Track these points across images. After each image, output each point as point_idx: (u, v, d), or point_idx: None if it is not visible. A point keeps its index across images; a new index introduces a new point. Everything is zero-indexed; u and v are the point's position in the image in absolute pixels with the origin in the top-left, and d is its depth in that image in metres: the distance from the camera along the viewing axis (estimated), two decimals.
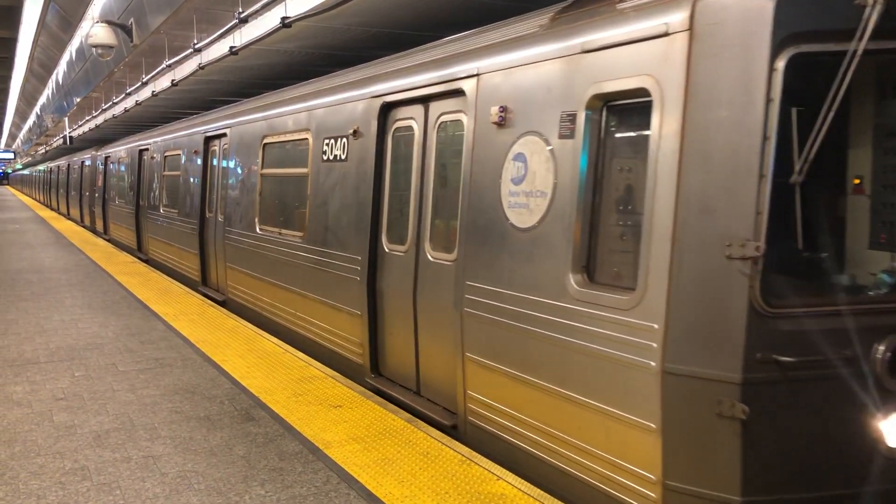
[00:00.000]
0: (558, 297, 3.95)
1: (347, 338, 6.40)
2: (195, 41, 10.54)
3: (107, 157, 20.60)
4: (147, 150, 15.27)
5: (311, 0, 7.37)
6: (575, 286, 3.86)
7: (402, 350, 5.73)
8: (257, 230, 8.59)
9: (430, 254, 5.34)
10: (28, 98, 33.96)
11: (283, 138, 8.05)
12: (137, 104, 17.23)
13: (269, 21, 8.34)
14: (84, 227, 24.30)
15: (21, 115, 42.81)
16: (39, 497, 3.88)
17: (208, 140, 10.99)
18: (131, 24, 11.78)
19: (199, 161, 11.19)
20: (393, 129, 5.93)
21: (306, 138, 7.30)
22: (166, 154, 13.45)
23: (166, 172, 13.52)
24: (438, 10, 7.58)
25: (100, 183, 21.28)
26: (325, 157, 6.85)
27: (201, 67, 11.17)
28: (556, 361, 4.01)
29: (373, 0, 7.16)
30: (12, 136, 62.29)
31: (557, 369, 4.00)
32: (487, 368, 4.57)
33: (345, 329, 6.44)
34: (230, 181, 9.80)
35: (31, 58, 23.73)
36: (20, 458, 4.41)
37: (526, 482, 4.11)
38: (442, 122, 5.33)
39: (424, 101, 5.52)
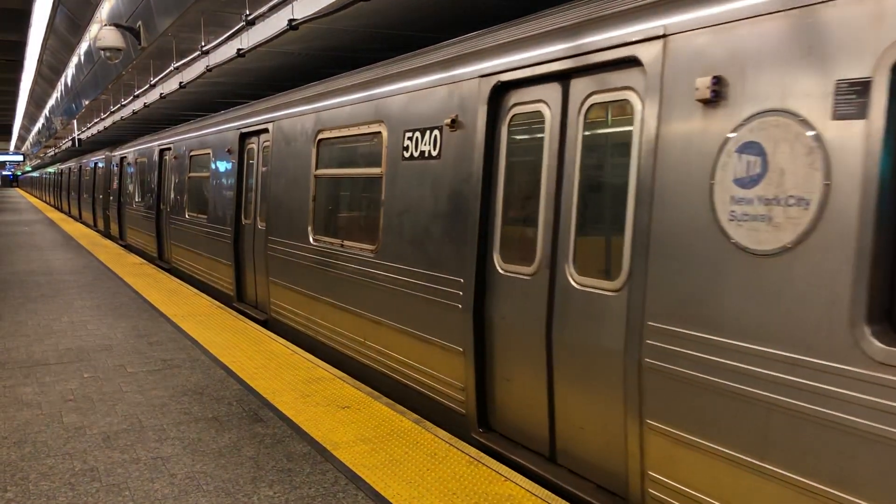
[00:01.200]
0: (837, 355, 2.75)
1: (442, 379, 5.25)
2: (202, 43, 10.58)
3: (122, 158, 19.43)
4: (169, 149, 14.13)
5: (318, 2, 7.39)
6: (874, 342, 2.64)
7: (527, 402, 4.54)
8: (311, 241, 7.43)
9: (575, 279, 4.14)
10: (37, 101, 34.14)
11: (344, 133, 6.88)
12: (146, 106, 17.30)
13: (275, 23, 8.36)
14: (97, 231, 23.52)
15: (30, 117, 43.03)
16: (49, 498, 3.90)
17: (244, 137, 9.83)
18: (139, 26, 11.83)
19: (233, 161, 10.08)
20: (510, 117, 4.73)
21: (378, 132, 6.19)
22: (192, 154, 12.26)
23: (192, 174, 12.33)
24: (445, 11, 7.59)
25: (115, 185, 20.25)
26: (406, 155, 5.71)
27: (209, 70, 11.20)
28: (830, 451, 2.79)
29: (379, 2, 7.17)
30: (21, 139, 62.61)
31: (831, 463, 2.78)
32: (687, 445, 3.36)
33: (439, 368, 5.27)
34: (275, 183, 8.54)
35: (40, 61, 23.84)
36: (30, 459, 4.43)
37: (533, 483, 4.11)
38: (593, 105, 4.11)
39: (563, 77, 4.31)
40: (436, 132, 5.39)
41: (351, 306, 6.56)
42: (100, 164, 23.74)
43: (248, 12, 8.44)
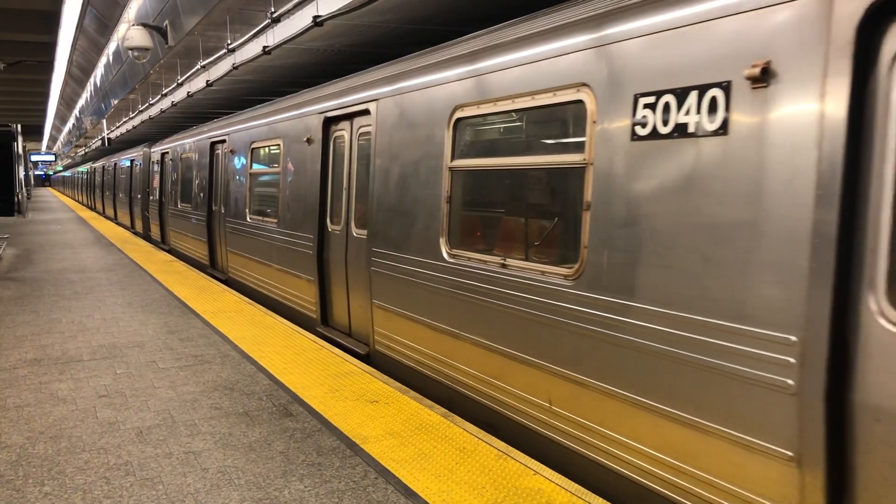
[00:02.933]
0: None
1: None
2: (229, 42, 10.66)
3: (163, 154, 17.76)
4: (223, 142, 12.36)
5: None
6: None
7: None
8: (444, 256, 5.54)
9: None
10: (67, 101, 34.60)
11: (503, 107, 4.96)
12: (173, 105, 17.47)
13: (300, 20, 8.40)
14: (135, 233, 22.09)
15: (61, 117, 43.64)
16: (85, 492, 3.97)
17: (330, 123, 8.01)
18: (166, 26, 11.94)
19: (314, 152, 8.27)
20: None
21: (579, 100, 4.30)
22: (255, 145, 10.56)
23: (256, 169, 10.67)
24: (470, 5, 7.56)
25: (155, 184, 18.66)
26: (640, 133, 3.84)
27: (235, 67, 11.28)
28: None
29: None
30: (53, 139, 63.55)
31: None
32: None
33: (737, 476, 3.33)
34: (380, 180, 6.63)
35: (70, 61, 24.14)
36: (66, 453, 4.51)
37: (563, 476, 4.10)
38: None
39: None
40: (716, 93, 3.40)
41: (523, 353, 4.69)
42: (137, 162, 22.20)
43: (273, 9, 8.48)
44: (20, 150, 30.91)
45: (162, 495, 3.91)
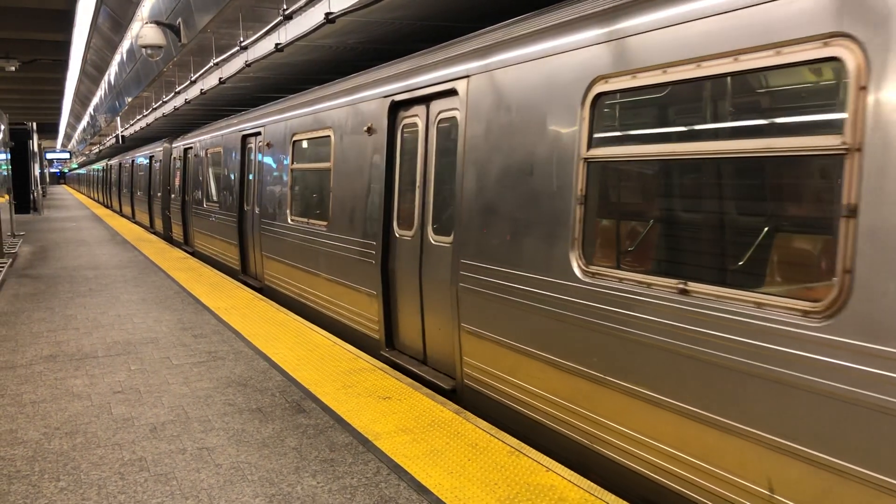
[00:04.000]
0: None
1: None
2: (241, 39, 10.68)
3: (186, 150, 16.51)
4: (257, 134, 10.97)
5: None
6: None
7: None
8: (578, 275, 4.27)
9: None
10: (82, 99, 34.86)
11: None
12: (187, 102, 17.55)
13: (313, 17, 8.41)
14: (154, 234, 20.70)
15: (76, 115, 43.98)
16: (100, 487, 4.00)
17: (396, 109, 6.81)
18: (179, 23, 11.99)
19: (375, 144, 7.06)
20: None
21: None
22: (297, 138, 9.25)
23: (299, 165, 9.35)
24: (479, 2, 7.55)
25: (177, 181, 17.38)
26: None
27: (248, 65, 11.31)
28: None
29: None
30: (68, 137, 64.01)
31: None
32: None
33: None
34: (478, 178, 5.31)
35: (85, 60, 24.31)
36: (81, 449, 4.55)
37: (575, 473, 4.09)
38: None
39: None
40: None
41: (723, 417, 3.39)
42: (156, 158, 20.61)
43: (285, 7, 8.50)
44: (35, 148, 31.16)
45: (176, 491, 3.93)
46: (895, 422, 2.69)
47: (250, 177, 11.51)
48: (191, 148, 15.93)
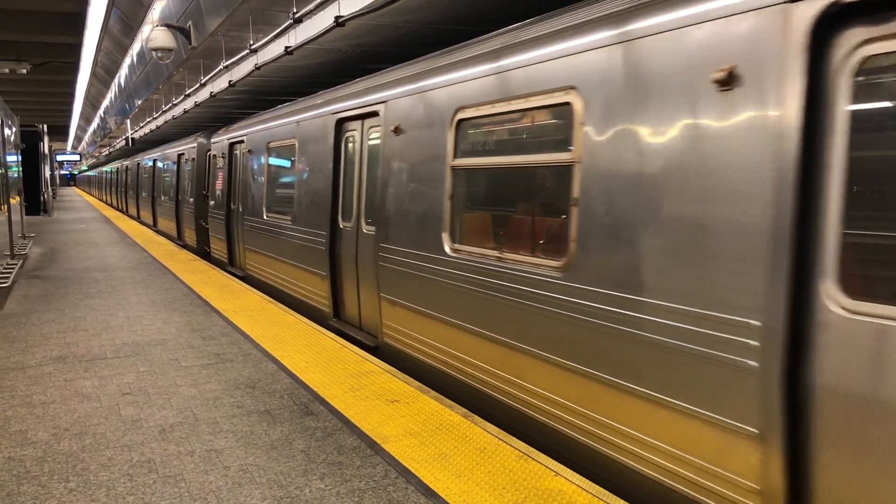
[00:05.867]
0: None
1: None
2: (251, 42, 10.72)
3: (233, 145, 13.27)
4: (368, 116, 7.65)
5: None
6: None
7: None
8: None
9: None
10: (92, 101, 35.03)
11: None
12: (196, 105, 17.61)
13: (322, 20, 8.44)
14: (183, 246, 17.86)
15: (86, 117, 44.19)
16: (109, 488, 4.01)
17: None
18: (189, 26, 12.04)
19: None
20: None
21: None
22: (466, 115, 5.73)
23: (466, 161, 5.82)
24: (492, 4, 7.56)
25: (219, 185, 14.12)
26: None
27: (257, 68, 11.35)
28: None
29: None
30: (78, 139, 64.34)
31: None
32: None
33: None
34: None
35: (95, 62, 24.43)
36: (90, 450, 4.56)
37: (584, 479, 4.08)
38: None
39: None
40: None
41: None
42: (187, 156, 17.60)
43: (295, 10, 8.53)
44: (46, 150, 31.30)
45: (184, 492, 3.94)
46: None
47: (349, 180, 8.25)
48: (241, 142, 12.60)
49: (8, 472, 4.22)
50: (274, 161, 10.97)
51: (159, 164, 22.36)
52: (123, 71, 22.69)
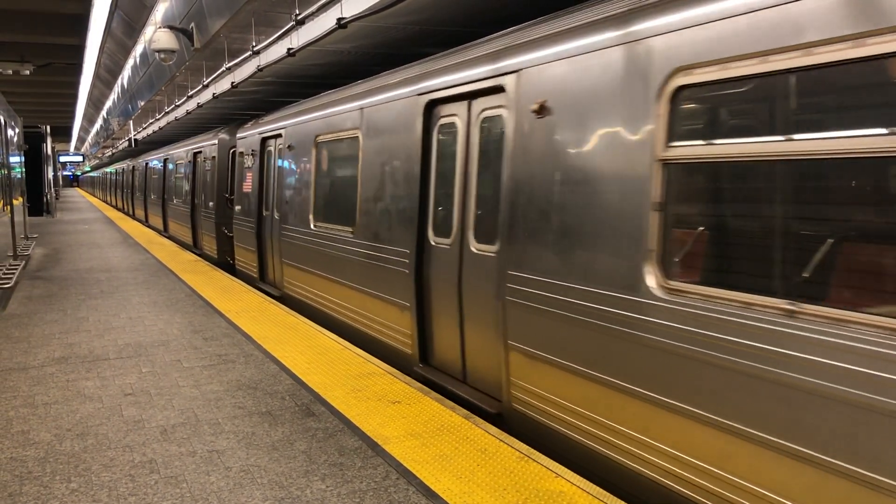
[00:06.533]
0: None
1: None
2: (254, 44, 10.74)
3: (266, 140, 11.39)
4: (476, 96, 5.84)
5: (367, 0, 7.44)
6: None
7: None
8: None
9: None
10: (95, 102, 35.08)
11: None
12: (199, 106, 17.63)
13: (325, 22, 8.45)
14: (200, 255, 15.98)
15: (89, 118, 44.25)
16: (111, 489, 4.02)
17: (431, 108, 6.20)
18: (192, 28, 12.06)
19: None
20: None
21: None
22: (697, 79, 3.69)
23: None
24: (495, 6, 7.56)
25: (246, 188, 12.22)
26: None
27: (260, 69, 11.37)
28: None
29: None
30: (81, 140, 64.43)
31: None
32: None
33: None
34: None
35: (98, 63, 24.47)
36: (92, 450, 4.57)
37: (584, 479, 4.08)
38: None
39: None
40: None
41: None
42: (205, 155, 15.65)
43: (297, 12, 8.54)
44: (49, 151, 31.36)
45: (186, 493, 3.95)
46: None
47: (442, 183, 6.35)
48: (275, 136, 10.81)
49: (10, 473, 4.24)
50: (326, 158, 8.99)
51: (171, 164, 20.37)
52: (126, 72, 22.73)
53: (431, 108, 6.45)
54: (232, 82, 13.40)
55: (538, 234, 4.77)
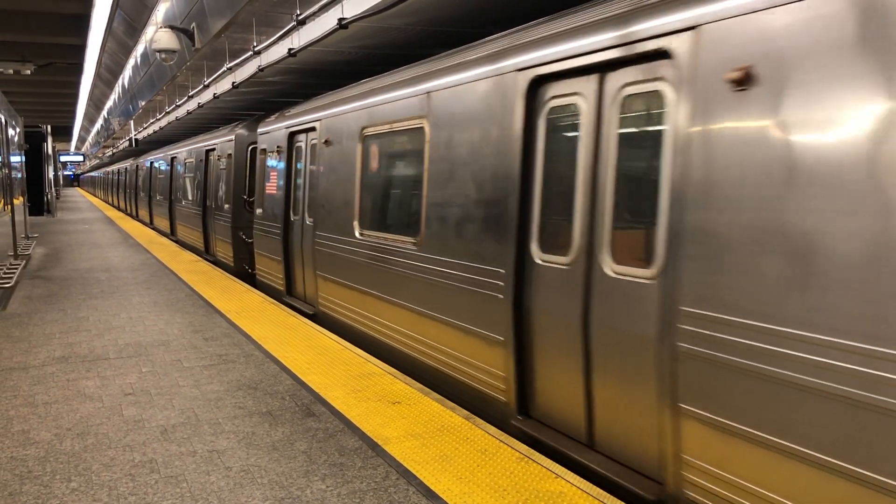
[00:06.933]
0: None
1: None
2: (254, 44, 10.74)
3: (295, 135, 10.06)
4: (656, 56, 4.02)
5: (367, 1, 7.45)
6: None
7: None
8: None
9: None
10: (96, 102, 35.10)
11: None
12: (200, 106, 17.64)
13: (326, 22, 8.45)
14: (214, 263, 14.54)
15: (90, 118, 44.27)
16: (111, 489, 4.01)
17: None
18: (193, 28, 12.07)
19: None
20: None
21: None
22: None
23: None
24: (495, 6, 7.57)
25: (272, 189, 10.76)
26: None
27: (261, 69, 11.37)
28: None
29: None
30: (81, 140, 64.45)
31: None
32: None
33: None
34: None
35: (99, 63, 24.47)
36: (92, 450, 4.57)
37: (584, 480, 4.08)
38: None
39: None
40: None
41: None
42: (220, 152, 14.23)
43: (298, 12, 8.54)
44: (49, 151, 31.36)
45: (186, 493, 3.94)
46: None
47: (564, 182, 4.83)
48: (308, 130, 9.53)
49: (10, 472, 4.23)
50: (375, 154, 7.62)
51: (179, 163, 18.96)
52: (127, 72, 22.73)
53: (536, 86, 5.02)
54: (233, 82, 13.40)
55: (744, 258, 3.35)
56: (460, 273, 5.73)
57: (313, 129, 9.27)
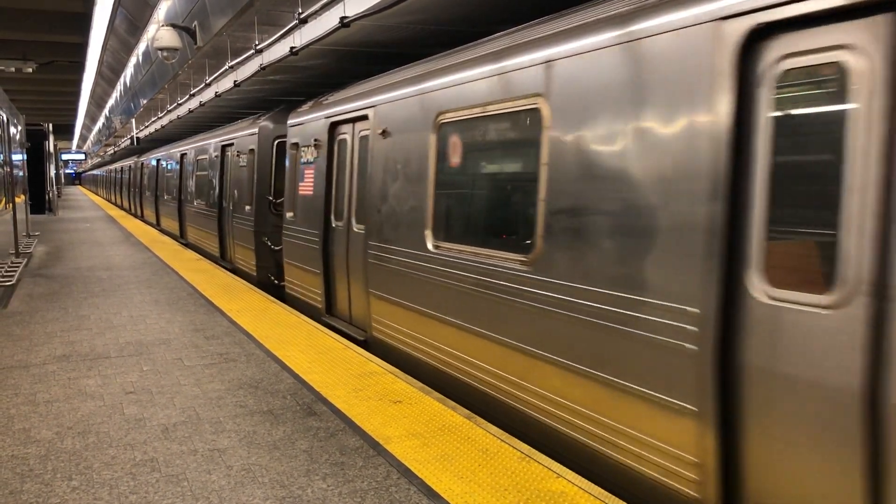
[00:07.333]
0: None
1: None
2: (256, 42, 10.74)
3: (337, 126, 8.67)
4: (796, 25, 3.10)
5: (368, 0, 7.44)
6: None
7: None
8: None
9: None
10: (97, 101, 35.11)
11: None
12: (201, 105, 17.63)
13: (327, 21, 8.44)
14: (231, 270, 13.19)
15: (91, 117, 44.29)
16: (112, 487, 4.01)
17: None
18: (195, 26, 12.06)
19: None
20: None
21: None
22: None
23: None
24: (498, 5, 7.55)
25: (305, 190, 9.44)
26: None
27: (262, 68, 11.36)
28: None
29: None
30: (83, 138, 64.47)
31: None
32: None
33: None
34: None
35: (101, 62, 24.48)
36: (93, 449, 4.57)
37: (586, 480, 4.07)
38: None
39: None
40: None
41: None
42: (240, 148, 12.85)
43: (300, 10, 8.53)
44: (51, 149, 31.37)
45: (187, 492, 3.94)
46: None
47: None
48: (357, 119, 8.05)
49: (11, 471, 4.23)
50: (458, 145, 6.03)
51: (189, 160, 17.46)
52: (129, 70, 22.74)
53: (756, 40, 3.38)
54: (234, 81, 13.39)
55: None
56: (610, 308, 4.15)
57: (364, 117, 7.79)
